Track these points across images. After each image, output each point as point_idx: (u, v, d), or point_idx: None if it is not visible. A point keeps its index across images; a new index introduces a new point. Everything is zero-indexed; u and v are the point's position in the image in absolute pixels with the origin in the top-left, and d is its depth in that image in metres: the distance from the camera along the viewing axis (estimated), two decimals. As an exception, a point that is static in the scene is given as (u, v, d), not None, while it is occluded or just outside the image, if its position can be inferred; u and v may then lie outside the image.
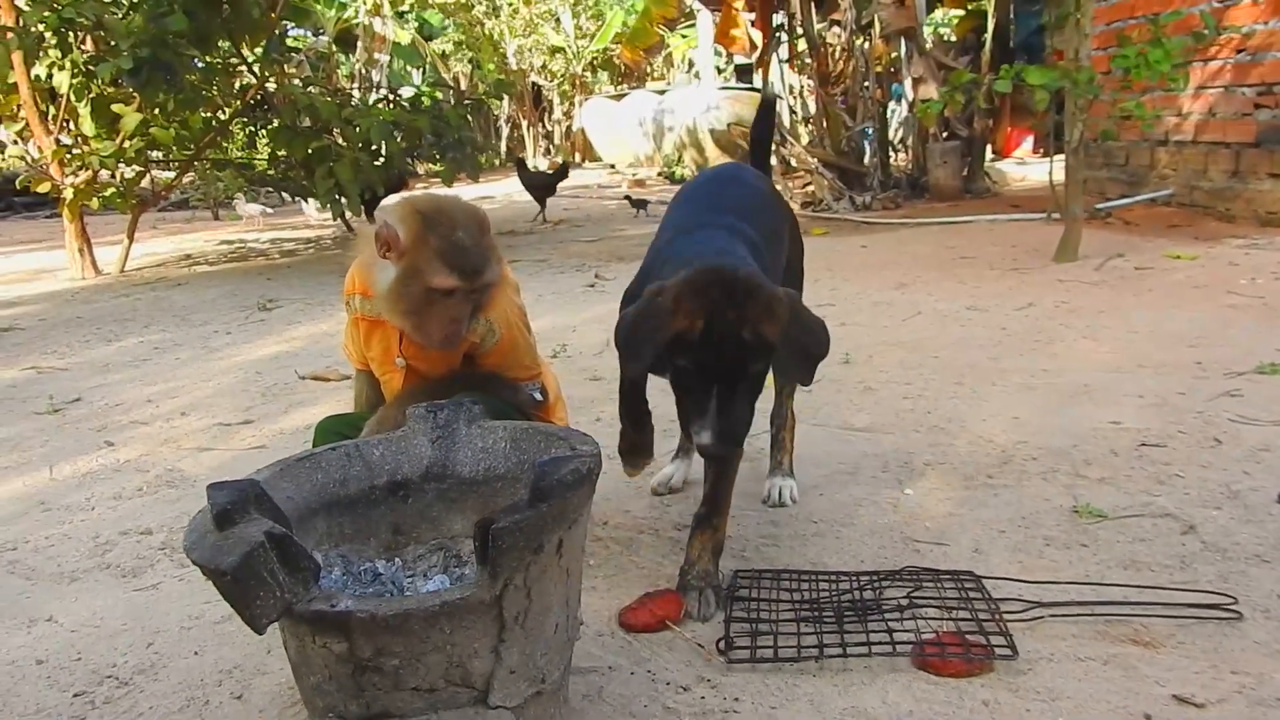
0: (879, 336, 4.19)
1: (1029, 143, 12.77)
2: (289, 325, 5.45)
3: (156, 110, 7.36)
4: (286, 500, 1.57)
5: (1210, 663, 1.66)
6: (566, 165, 11.59)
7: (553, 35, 22.99)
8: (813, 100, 10.96)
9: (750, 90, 14.26)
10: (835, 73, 10.26)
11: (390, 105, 8.62)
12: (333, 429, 2.16)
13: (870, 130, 9.87)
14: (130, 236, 8.17)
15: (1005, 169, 10.87)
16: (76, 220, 7.66)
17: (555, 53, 23.42)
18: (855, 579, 2.01)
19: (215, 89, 7.88)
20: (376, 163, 7.60)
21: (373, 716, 1.36)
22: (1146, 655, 1.70)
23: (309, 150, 7.52)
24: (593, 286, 6.05)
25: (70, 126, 7.61)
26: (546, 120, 25.47)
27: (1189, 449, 2.66)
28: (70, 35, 6.90)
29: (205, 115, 8.11)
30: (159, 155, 8.34)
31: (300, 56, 10.02)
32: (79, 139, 7.50)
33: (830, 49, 10.32)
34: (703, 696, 1.67)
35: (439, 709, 1.36)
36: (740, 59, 16.65)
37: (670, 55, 21.61)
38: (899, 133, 11.16)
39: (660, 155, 16.12)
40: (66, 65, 6.97)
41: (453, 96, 9.84)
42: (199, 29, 6.89)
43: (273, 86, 8.07)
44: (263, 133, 8.77)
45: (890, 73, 10.16)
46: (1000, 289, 5.02)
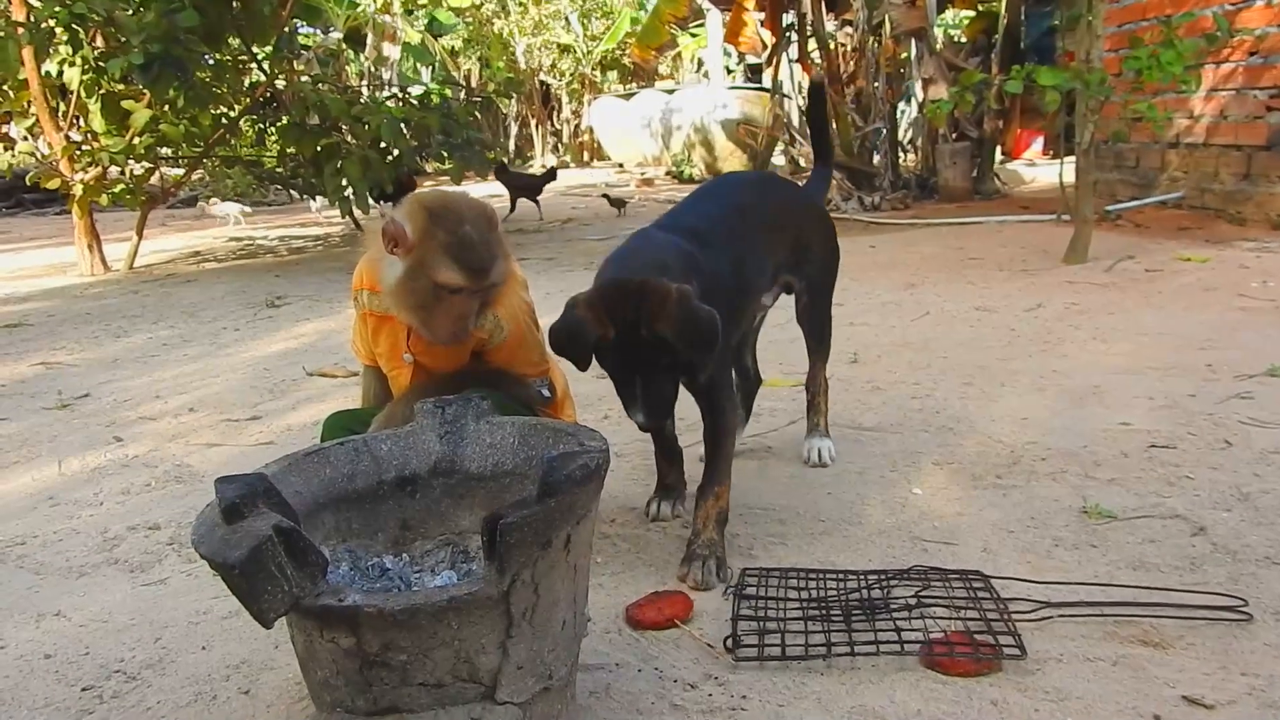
0: (887, 337, 4.18)
1: (1039, 144, 12.75)
2: (297, 322, 5.46)
3: (166, 107, 7.37)
4: (295, 495, 1.57)
5: (1220, 664, 1.66)
6: (554, 169, 11.51)
7: (562, 34, 22.99)
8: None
9: (758, 90, 14.22)
10: (846, 73, 10.24)
11: (400, 103, 8.63)
12: (341, 424, 2.16)
13: (883, 130, 9.86)
14: (139, 233, 8.18)
15: (1015, 170, 10.84)
16: (86, 217, 7.67)
17: (564, 51, 23.42)
18: (863, 578, 2.00)
19: (225, 86, 7.89)
20: (386, 160, 7.61)
21: (380, 711, 1.36)
22: (1156, 656, 1.69)
23: (318, 148, 7.53)
24: (601, 285, 6.04)
25: (80, 123, 7.62)
26: (555, 119, 25.46)
27: (1199, 451, 2.65)
28: (81, 31, 6.92)
29: (215, 112, 8.12)
30: (168, 152, 8.36)
31: (310, 54, 10.01)
32: (89, 135, 7.52)
33: (841, 49, 10.31)
34: (710, 694, 1.67)
35: (446, 704, 1.36)
36: (750, 58, 16.65)
37: (680, 55, 21.61)
38: (909, 133, 11.14)
39: (669, 155, 16.10)
40: (77, 61, 6.98)
41: (462, 94, 9.85)
42: (209, 26, 6.90)
43: (282, 84, 8.09)
44: (272, 130, 8.79)
45: (900, 73, 10.15)
46: (1009, 290, 5.01)
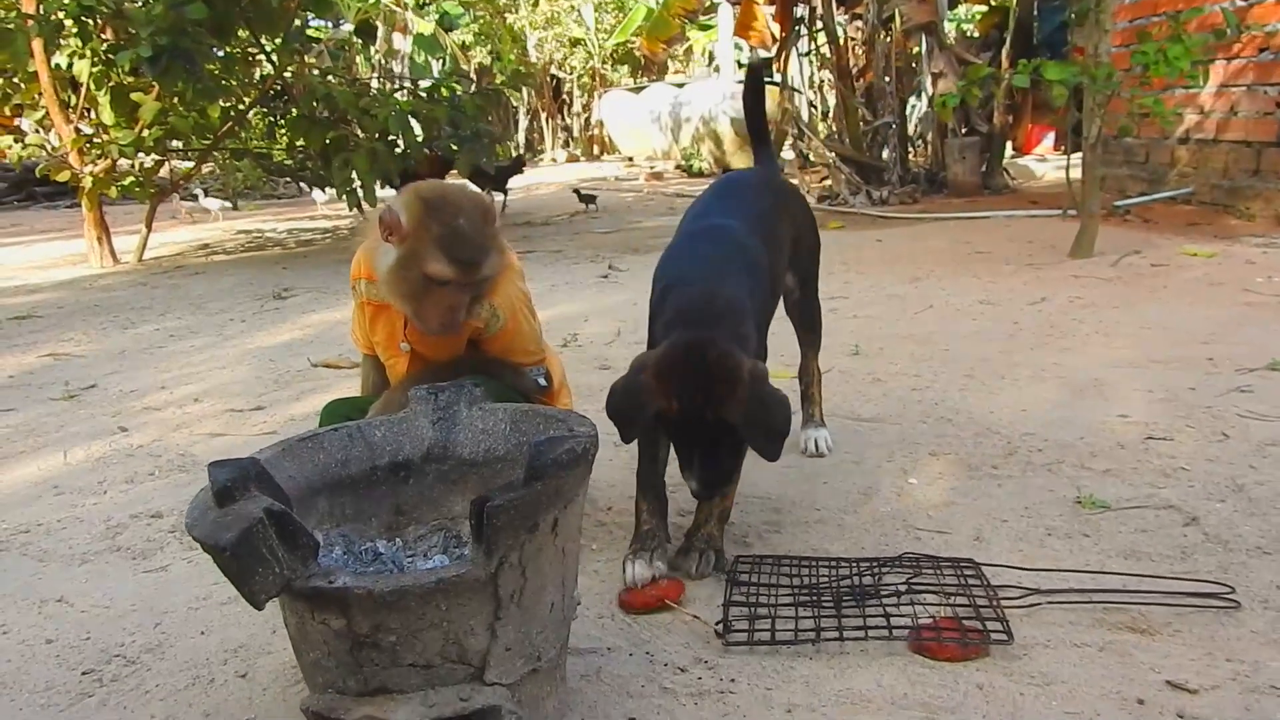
0: (890, 329, 4.19)
1: (1050, 139, 12.69)
2: (303, 313, 5.50)
3: (175, 99, 7.40)
4: (289, 480, 1.59)
5: (1206, 650, 1.67)
6: (520, 159, 11.40)
7: (574, 28, 22.98)
8: (832, 94, 10.93)
9: (768, 84, 14.20)
10: (856, 67, 10.22)
11: (409, 96, 8.65)
12: (339, 412, 2.18)
13: (892, 125, 9.84)
14: (148, 225, 8.22)
15: (1026, 165, 10.81)
16: (95, 209, 7.71)
17: (576, 45, 23.42)
18: (855, 565, 2.01)
19: (234, 79, 7.91)
20: (394, 153, 7.63)
21: (370, 692, 1.38)
22: (1143, 642, 1.70)
23: (326, 140, 7.55)
24: (606, 277, 6.06)
25: (90, 115, 7.66)
26: (566, 113, 25.47)
27: (1196, 443, 2.65)
28: (90, 23, 6.95)
29: (224, 105, 8.15)
30: (178, 145, 8.39)
31: (320, 47, 10.02)
32: (99, 128, 7.55)
33: (851, 43, 10.29)
34: (699, 677, 1.69)
35: (435, 685, 1.38)
36: (760, 52, 16.61)
37: (690, 48, 21.58)
38: (918, 128, 11.12)
39: (678, 149, 16.10)
40: (86, 54, 7.02)
41: (472, 86, 9.86)
42: (218, 18, 6.91)
43: (291, 76, 8.12)
44: (281, 122, 8.81)
45: (913, 68, 10.12)
46: (1014, 284, 5.01)
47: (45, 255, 8.86)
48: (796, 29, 10.92)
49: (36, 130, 7.87)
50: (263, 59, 8.01)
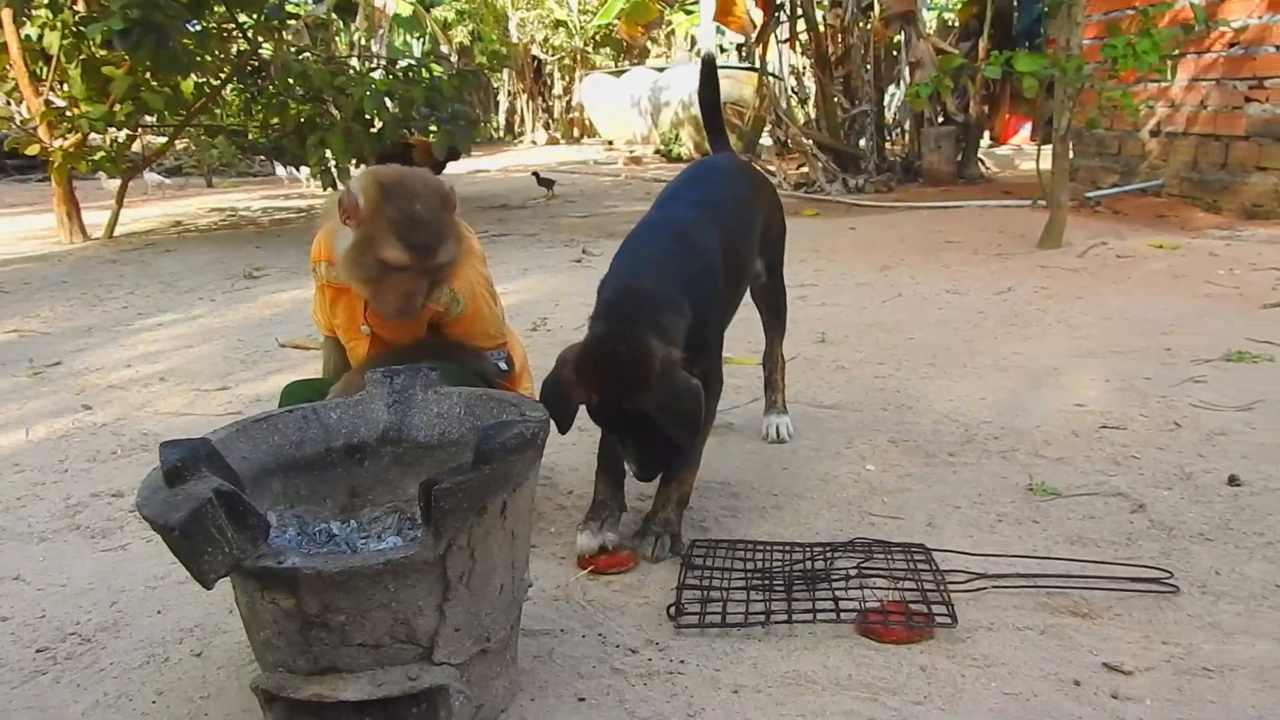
0: (857, 318, 4.22)
1: (1027, 130, 12.77)
2: (274, 293, 5.47)
3: (147, 74, 7.31)
4: (241, 460, 1.60)
5: (1143, 633, 1.71)
6: (453, 147, 11.01)
7: (556, 9, 22.82)
8: (812, 82, 10.94)
9: (748, 70, 14.18)
10: (834, 55, 10.23)
11: (386, 75, 8.58)
12: (299, 394, 2.19)
13: (869, 113, 9.85)
14: (119, 201, 8.12)
15: (1002, 155, 10.87)
16: (64, 184, 7.62)
17: (558, 26, 23.26)
18: (808, 550, 2.05)
19: (209, 54, 7.83)
20: (369, 132, 7.58)
21: (320, 671, 1.40)
22: (1083, 626, 1.75)
23: (300, 119, 7.49)
24: (579, 262, 6.07)
25: (61, 88, 7.56)
26: (547, 95, 25.33)
27: (1148, 432, 2.70)
28: (61, -5, 6.86)
29: (198, 80, 8.06)
30: (151, 120, 8.29)
31: (299, 24, 9.90)
32: (70, 101, 7.46)
33: (831, 30, 10.29)
34: (650, 659, 1.71)
35: (384, 664, 1.40)
36: (741, 38, 16.57)
37: (674, 32, 21.48)
38: (896, 116, 11.14)
39: (657, 133, 16.06)
40: (57, 25, 6.92)
41: (450, 66, 9.78)
42: (192, -8, 6.85)
43: (267, 53, 8.04)
44: (258, 100, 8.73)
45: (893, 56, 10.13)
46: (982, 273, 5.05)
47: (13, 230, 8.75)
48: (777, 15, 10.92)
49: (6, 103, 7.75)
50: (239, 35, 7.92)
